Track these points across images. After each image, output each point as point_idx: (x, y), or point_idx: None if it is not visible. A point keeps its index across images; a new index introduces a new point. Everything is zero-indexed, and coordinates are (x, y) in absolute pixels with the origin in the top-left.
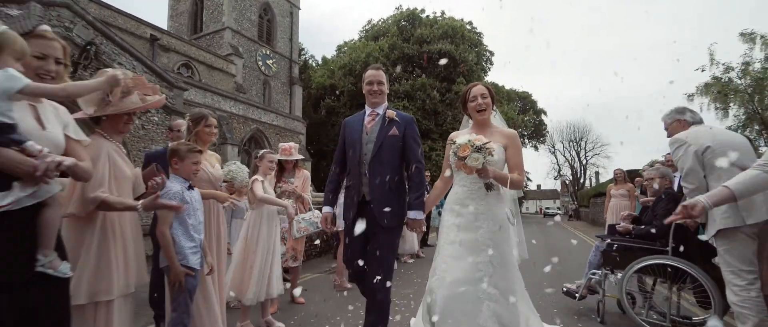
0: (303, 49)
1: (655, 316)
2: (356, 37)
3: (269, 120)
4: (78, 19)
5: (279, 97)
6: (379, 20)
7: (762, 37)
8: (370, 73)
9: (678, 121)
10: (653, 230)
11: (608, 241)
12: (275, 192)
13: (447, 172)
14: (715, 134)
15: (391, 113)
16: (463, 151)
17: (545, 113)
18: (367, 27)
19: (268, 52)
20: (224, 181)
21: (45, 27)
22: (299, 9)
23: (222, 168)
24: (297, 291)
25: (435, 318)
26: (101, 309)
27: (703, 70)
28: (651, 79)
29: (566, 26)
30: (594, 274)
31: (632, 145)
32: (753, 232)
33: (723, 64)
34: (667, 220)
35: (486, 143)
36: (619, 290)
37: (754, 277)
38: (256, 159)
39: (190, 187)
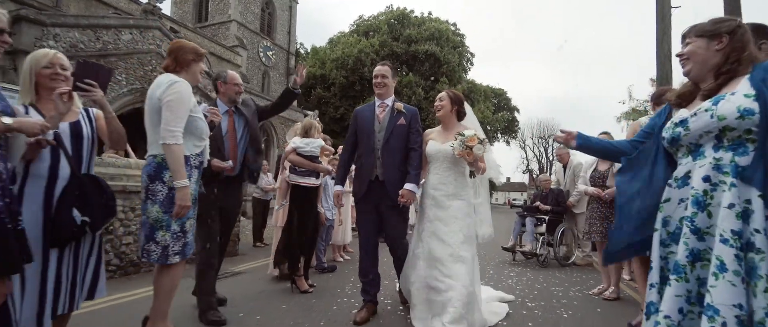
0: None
1: (559, 257)
2: (347, 30)
3: None
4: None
5: (276, 87)
6: (370, 16)
7: None
8: (375, 69)
9: (567, 153)
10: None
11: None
12: None
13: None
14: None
15: (399, 105)
16: (471, 141)
17: (518, 111)
18: (358, 21)
19: (268, 44)
20: None
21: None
22: (297, 2)
23: None
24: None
25: (420, 276)
26: None
27: (623, 103)
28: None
29: (553, 19)
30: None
31: None
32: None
33: (637, 100)
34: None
35: (483, 139)
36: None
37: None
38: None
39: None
